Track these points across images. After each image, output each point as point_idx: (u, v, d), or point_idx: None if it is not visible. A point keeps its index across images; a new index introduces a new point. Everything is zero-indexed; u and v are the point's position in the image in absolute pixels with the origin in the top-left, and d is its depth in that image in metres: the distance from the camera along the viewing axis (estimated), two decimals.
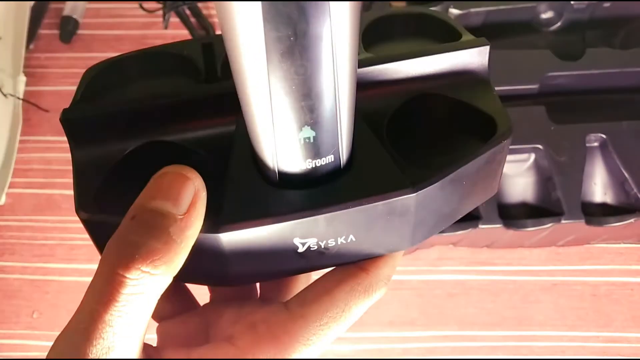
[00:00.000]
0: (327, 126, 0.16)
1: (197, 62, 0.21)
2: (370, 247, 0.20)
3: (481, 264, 0.45)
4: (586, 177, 0.40)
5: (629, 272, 0.45)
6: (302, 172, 0.18)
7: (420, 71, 0.21)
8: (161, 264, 0.16)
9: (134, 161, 0.20)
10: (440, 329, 0.43)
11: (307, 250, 0.19)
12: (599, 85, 0.42)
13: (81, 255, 0.45)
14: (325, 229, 0.18)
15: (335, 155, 0.17)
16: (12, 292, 0.44)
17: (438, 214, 0.20)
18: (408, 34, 0.23)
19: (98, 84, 0.21)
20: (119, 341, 0.16)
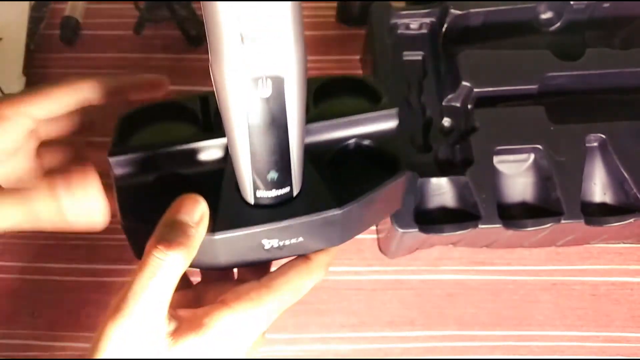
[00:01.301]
0: (285, 171, 0.26)
1: (197, 112, 0.31)
2: (312, 244, 0.29)
3: (481, 264, 0.45)
4: (586, 177, 0.40)
5: (629, 272, 0.45)
6: (268, 198, 0.27)
7: (349, 127, 0.30)
8: (183, 250, 0.25)
9: (157, 186, 0.29)
10: (440, 329, 0.43)
11: (270, 247, 0.28)
12: (599, 86, 0.43)
13: (81, 256, 0.45)
14: (283, 234, 0.28)
15: (290, 188, 0.27)
16: (12, 291, 0.44)
17: (357, 223, 0.30)
18: (346, 92, 0.33)
19: (128, 126, 0.31)
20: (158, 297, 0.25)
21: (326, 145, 0.30)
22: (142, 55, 0.52)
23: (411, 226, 0.37)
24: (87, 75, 0.32)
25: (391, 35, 0.45)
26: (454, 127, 0.43)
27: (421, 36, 0.45)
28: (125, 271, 0.45)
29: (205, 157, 0.29)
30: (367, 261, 0.45)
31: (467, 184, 0.38)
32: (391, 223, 0.37)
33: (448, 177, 0.39)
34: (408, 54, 0.45)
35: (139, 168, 0.29)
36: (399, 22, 0.45)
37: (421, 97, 0.44)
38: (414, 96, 0.44)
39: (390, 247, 0.42)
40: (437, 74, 0.44)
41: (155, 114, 0.32)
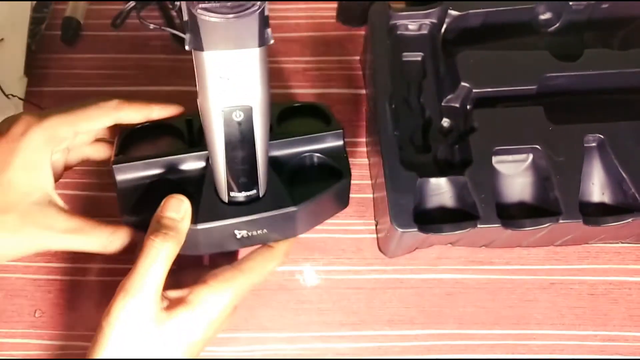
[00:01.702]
0: (252, 177, 0.34)
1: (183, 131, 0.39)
2: (274, 236, 0.37)
3: (479, 263, 0.45)
4: (584, 177, 0.40)
5: (627, 271, 0.45)
6: (239, 197, 0.35)
7: (305, 143, 0.39)
8: (172, 239, 0.32)
9: (151, 189, 0.36)
10: (439, 328, 0.43)
11: (241, 237, 0.36)
12: (597, 86, 0.43)
13: (83, 255, 0.45)
14: (250, 226, 0.35)
15: (257, 190, 0.35)
16: (14, 291, 0.44)
17: (310, 218, 0.38)
18: (304, 115, 0.41)
19: (128, 140, 0.39)
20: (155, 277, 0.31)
21: (287, 158, 0.38)
22: (143, 56, 0.53)
23: (410, 226, 0.37)
24: (124, 99, 0.38)
25: (391, 36, 0.45)
26: (453, 127, 0.43)
27: (421, 37, 0.46)
28: (126, 271, 0.45)
29: (190, 166, 0.37)
30: (366, 260, 0.45)
31: (466, 184, 0.39)
32: (390, 223, 0.38)
33: (447, 177, 0.39)
34: (407, 54, 0.45)
35: (136, 174, 0.36)
36: (399, 23, 0.45)
37: (420, 98, 0.44)
38: (414, 97, 0.44)
39: (389, 246, 0.43)
40: (436, 75, 0.44)
41: (150, 131, 0.39)
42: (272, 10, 0.54)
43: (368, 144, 0.48)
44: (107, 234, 0.35)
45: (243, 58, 0.27)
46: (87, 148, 0.40)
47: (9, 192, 0.32)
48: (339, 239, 0.46)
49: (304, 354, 0.43)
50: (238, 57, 0.27)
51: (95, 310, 0.44)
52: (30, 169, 0.33)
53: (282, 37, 0.53)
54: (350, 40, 0.53)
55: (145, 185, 0.36)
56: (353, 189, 0.48)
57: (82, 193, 0.47)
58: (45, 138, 0.34)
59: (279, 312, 0.44)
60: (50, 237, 0.33)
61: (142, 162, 0.36)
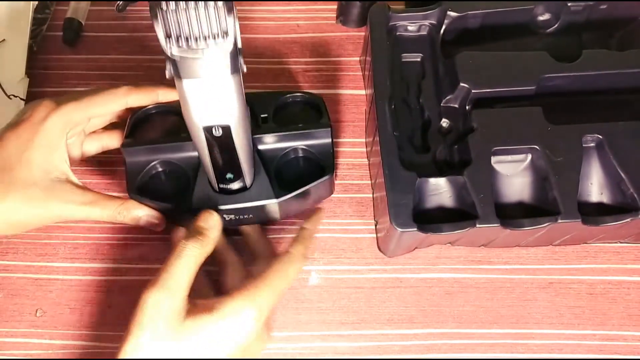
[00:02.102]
0: (237, 173, 0.38)
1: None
2: (259, 220, 0.43)
3: (478, 263, 0.45)
4: (583, 177, 0.40)
5: (626, 271, 0.45)
6: (228, 188, 0.39)
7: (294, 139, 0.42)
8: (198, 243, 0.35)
9: (155, 169, 0.42)
10: (438, 327, 0.44)
11: (229, 219, 0.41)
12: (596, 87, 0.43)
13: (84, 254, 0.46)
14: (237, 212, 0.40)
15: (242, 183, 0.39)
16: (15, 290, 0.45)
17: (292, 208, 0.43)
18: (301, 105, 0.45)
19: (137, 123, 0.43)
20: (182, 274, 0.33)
21: (277, 150, 0.42)
22: (143, 57, 0.53)
23: (410, 225, 0.38)
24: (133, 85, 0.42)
25: (390, 37, 0.45)
26: (452, 127, 0.43)
27: (420, 38, 0.46)
28: (126, 270, 0.45)
29: (192, 151, 0.41)
30: (366, 260, 0.46)
31: (465, 184, 0.39)
32: (390, 222, 0.38)
33: (446, 177, 0.40)
34: (407, 55, 0.46)
35: (142, 156, 0.41)
36: (398, 24, 0.45)
37: (420, 98, 0.44)
38: (413, 97, 0.44)
39: (389, 246, 0.43)
40: (435, 76, 0.45)
41: (159, 115, 0.44)
42: (272, 11, 0.55)
43: (368, 144, 0.48)
44: (117, 205, 0.39)
45: (218, 85, 0.31)
46: (104, 137, 0.44)
47: (32, 169, 0.37)
48: (339, 239, 0.46)
49: (304, 353, 0.43)
50: (214, 83, 0.31)
51: (96, 309, 0.44)
52: (49, 150, 0.38)
53: (282, 38, 0.53)
54: (350, 41, 0.53)
55: (151, 166, 0.42)
56: (353, 188, 0.48)
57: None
58: (62, 123, 0.39)
59: (278, 311, 0.44)
60: (69, 208, 0.38)
61: (149, 146, 0.41)
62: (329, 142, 0.42)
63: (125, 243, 0.46)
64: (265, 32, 0.53)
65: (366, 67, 0.48)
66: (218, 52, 0.29)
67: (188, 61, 0.29)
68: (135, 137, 0.42)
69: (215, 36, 0.28)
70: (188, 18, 0.28)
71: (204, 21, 0.28)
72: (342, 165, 0.49)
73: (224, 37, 0.28)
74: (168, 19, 0.27)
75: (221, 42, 0.28)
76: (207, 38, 0.28)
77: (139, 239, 0.46)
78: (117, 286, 0.45)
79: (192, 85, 0.31)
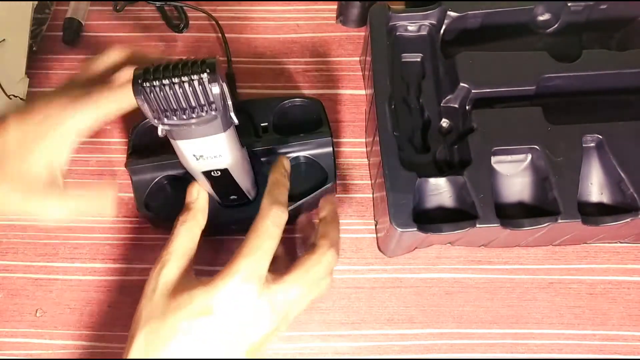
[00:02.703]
0: (240, 194, 0.39)
1: None
2: None
3: (478, 263, 0.45)
4: (583, 177, 0.40)
5: (625, 271, 0.45)
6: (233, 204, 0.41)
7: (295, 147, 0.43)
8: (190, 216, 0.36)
9: (161, 183, 0.43)
10: (438, 327, 0.44)
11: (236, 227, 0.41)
12: (596, 87, 0.43)
13: (84, 254, 0.46)
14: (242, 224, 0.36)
15: (247, 198, 0.41)
16: (15, 290, 0.45)
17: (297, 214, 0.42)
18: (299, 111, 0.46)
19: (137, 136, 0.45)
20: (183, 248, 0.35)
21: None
22: None
23: (410, 225, 0.38)
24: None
25: (390, 37, 0.45)
26: (452, 127, 0.43)
27: (420, 38, 0.46)
28: (126, 270, 0.45)
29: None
30: (366, 260, 0.46)
31: (465, 184, 0.39)
32: (390, 222, 0.38)
33: (446, 177, 0.40)
34: (407, 55, 0.46)
35: (147, 173, 0.43)
36: (398, 24, 0.45)
37: (420, 98, 0.44)
38: (413, 97, 0.44)
39: (389, 246, 0.43)
40: (435, 76, 0.45)
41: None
42: (273, 11, 0.55)
43: (368, 144, 0.48)
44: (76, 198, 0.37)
45: (211, 141, 0.31)
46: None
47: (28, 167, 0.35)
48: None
49: (304, 353, 0.43)
50: (206, 142, 0.31)
51: (96, 309, 0.44)
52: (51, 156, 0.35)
53: (282, 39, 0.53)
54: (349, 41, 0.53)
55: (157, 182, 0.43)
56: (353, 188, 0.48)
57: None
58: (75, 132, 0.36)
59: None
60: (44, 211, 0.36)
61: (153, 163, 0.42)
62: (330, 150, 0.43)
63: (125, 243, 0.46)
64: (265, 32, 0.53)
65: (366, 67, 0.48)
66: (208, 119, 0.30)
67: (179, 128, 0.30)
68: (138, 153, 0.43)
69: (203, 107, 0.29)
70: (174, 94, 0.28)
71: (190, 95, 0.28)
72: (342, 165, 0.49)
73: (212, 106, 0.29)
74: (153, 97, 0.28)
75: (210, 110, 0.29)
76: (194, 109, 0.29)
77: (139, 239, 0.46)
78: (117, 286, 0.45)
79: (186, 144, 0.31)
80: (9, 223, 0.47)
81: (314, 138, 0.43)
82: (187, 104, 0.29)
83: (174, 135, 0.31)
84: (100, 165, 0.48)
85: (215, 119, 0.30)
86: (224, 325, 0.32)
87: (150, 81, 0.28)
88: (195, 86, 0.28)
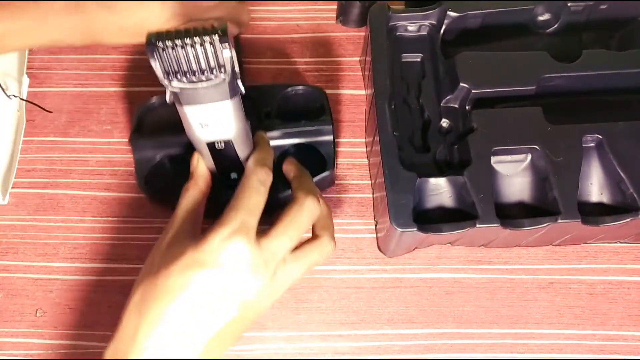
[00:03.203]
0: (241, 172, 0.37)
1: None
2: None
3: (478, 263, 0.45)
4: (582, 177, 0.40)
5: (625, 271, 0.45)
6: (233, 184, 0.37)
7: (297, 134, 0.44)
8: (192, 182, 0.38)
9: (162, 161, 0.44)
10: (438, 327, 0.44)
11: None
12: (596, 87, 0.43)
13: (84, 254, 0.46)
14: None
15: None
16: (15, 290, 0.45)
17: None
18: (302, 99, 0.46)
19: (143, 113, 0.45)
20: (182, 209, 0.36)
21: (280, 146, 0.44)
22: (143, 57, 0.53)
23: (410, 225, 0.38)
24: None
25: (390, 37, 0.45)
26: (452, 127, 0.43)
27: (420, 38, 0.46)
28: (126, 270, 0.45)
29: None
30: (366, 260, 0.46)
31: (465, 184, 0.39)
32: (390, 222, 0.38)
33: (446, 177, 0.40)
34: (407, 55, 0.46)
35: (150, 150, 0.43)
36: (398, 24, 0.45)
37: (420, 98, 0.44)
38: (413, 97, 0.44)
39: (389, 246, 0.43)
40: (435, 76, 0.45)
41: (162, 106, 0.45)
42: (272, 11, 0.55)
43: (368, 144, 0.48)
44: None
45: (217, 108, 0.32)
46: None
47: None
48: (339, 239, 0.46)
49: (304, 353, 0.43)
50: (213, 108, 0.32)
51: (96, 310, 0.44)
52: None
53: (282, 39, 0.53)
54: (349, 41, 0.53)
55: (159, 159, 0.44)
56: (353, 188, 0.48)
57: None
58: None
59: (278, 311, 0.44)
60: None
61: (156, 140, 0.43)
62: (330, 138, 0.44)
63: (125, 243, 0.46)
64: (265, 32, 0.53)
65: (366, 67, 0.48)
66: (216, 83, 0.30)
67: (187, 91, 0.31)
68: (142, 130, 0.44)
69: (212, 70, 0.30)
70: (185, 55, 0.29)
71: (201, 58, 0.29)
72: (342, 165, 0.49)
73: (221, 69, 0.30)
74: (165, 57, 0.29)
75: (218, 74, 0.30)
76: (204, 72, 0.30)
77: (139, 238, 0.46)
78: (117, 286, 0.45)
79: (193, 110, 0.32)
80: (9, 223, 0.47)
81: (315, 125, 0.43)
82: (198, 66, 0.29)
83: (182, 99, 0.31)
84: (100, 165, 0.48)
85: (223, 83, 0.30)
86: (215, 279, 0.31)
87: (163, 41, 0.28)
88: (206, 48, 0.29)
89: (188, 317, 0.31)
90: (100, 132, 0.49)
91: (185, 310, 0.31)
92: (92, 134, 0.49)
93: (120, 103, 0.51)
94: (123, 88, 0.51)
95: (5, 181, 0.47)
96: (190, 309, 0.31)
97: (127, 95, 0.51)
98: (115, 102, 0.51)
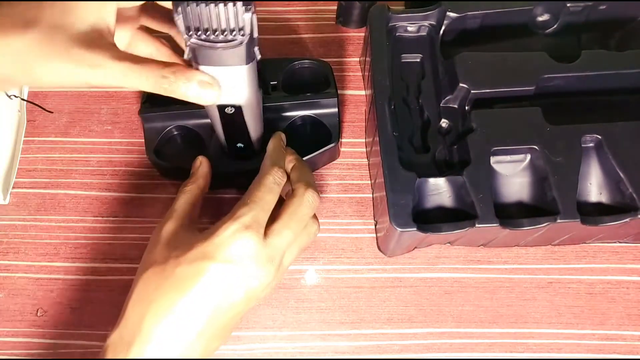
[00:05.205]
0: (247, 143, 0.41)
1: None
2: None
3: (478, 263, 0.45)
4: (582, 178, 0.40)
5: (625, 270, 0.45)
6: (239, 155, 0.43)
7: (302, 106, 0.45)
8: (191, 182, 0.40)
9: (171, 133, 0.46)
10: (438, 326, 0.44)
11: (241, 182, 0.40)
12: (595, 87, 0.43)
13: (85, 254, 0.46)
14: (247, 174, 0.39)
15: (252, 150, 0.43)
16: (16, 290, 0.45)
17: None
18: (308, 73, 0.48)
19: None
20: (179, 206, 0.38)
21: (285, 117, 0.45)
22: None
23: (409, 225, 0.38)
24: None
25: (390, 38, 0.45)
26: (451, 128, 0.43)
27: (419, 38, 0.46)
28: (127, 270, 0.45)
29: (205, 117, 0.44)
30: (366, 260, 0.46)
31: (465, 184, 0.39)
32: (390, 222, 0.38)
33: (446, 177, 0.40)
34: (407, 56, 0.46)
35: (159, 121, 0.45)
36: (398, 24, 0.45)
37: (419, 99, 0.44)
38: (413, 97, 0.45)
39: (388, 245, 0.43)
40: (435, 76, 0.45)
41: None
42: (273, 12, 0.55)
43: (368, 144, 0.48)
44: (161, 68, 0.31)
45: (232, 72, 0.33)
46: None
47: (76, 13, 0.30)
48: (339, 239, 0.46)
49: (304, 352, 0.43)
50: (228, 72, 0.33)
51: (97, 309, 0.44)
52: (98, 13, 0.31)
53: (283, 39, 0.53)
54: (349, 41, 0.53)
55: (167, 131, 0.45)
56: (353, 188, 0.48)
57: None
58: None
59: (279, 310, 0.44)
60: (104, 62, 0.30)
61: (166, 112, 0.45)
62: (335, 111, 0.45)
63: (126, 243, 0.46)
64: (265, 32, 0.54)
65: (366, 67, 0.48)
66: (234, 45, 0.31)
67: (205, 50, 0.31)
68: (152, 102, 0.45)
69: (232, 31, 0.30)
70: (208, 13, 0.29)
71: (222, 17, 0.30)
72: (342, 165, 0.49)
73: (240, 32, 0.30)
74: (189, 12, 0.29)
75: (237, 36, 0.30)
76: (224, 32, 0.30)
77: (140, 238, 0.46)
78: (117, 286, 0.45)
79: (209, 70, 0.32)
80: (10, 223, 0.47)
81: (320, 98, 0.45)
82: (219, 25, 0.30)
83: (199, 58, 0.32)
84: (101, 165, 0.48)
85: (240, 46, 0.31)
86: (223, 271, 0.33)
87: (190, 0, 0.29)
88: (229, 8, 0.29)
89: (194, 308, 0.32)
90: (101, 132, 0.50)
91: (192, 300, 0.32)
92: (92, 134, 0.49)
93: (120, 103, 0.51)
94: (123, 88, 0.51)
95: (6, 181, 0.47)
96: (197, 299, 0.32)
97: (127, 95, 0.51)
98: (116, 102, 0.51)
